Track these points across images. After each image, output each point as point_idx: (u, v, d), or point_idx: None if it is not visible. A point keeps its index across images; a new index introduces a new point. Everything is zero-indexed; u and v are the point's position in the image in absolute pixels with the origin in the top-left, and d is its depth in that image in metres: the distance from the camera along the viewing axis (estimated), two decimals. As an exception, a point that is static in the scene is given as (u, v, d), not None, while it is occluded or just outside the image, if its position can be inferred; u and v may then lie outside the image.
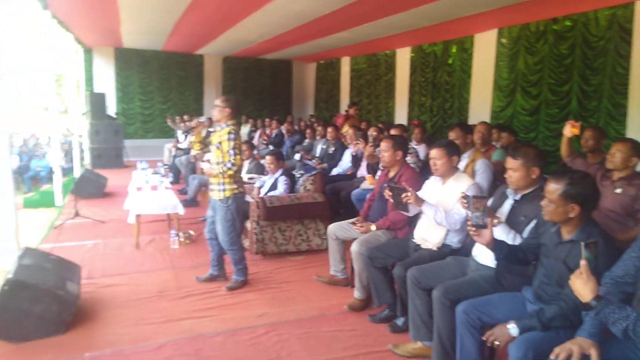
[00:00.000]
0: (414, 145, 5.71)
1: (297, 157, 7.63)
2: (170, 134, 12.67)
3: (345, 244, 3.88)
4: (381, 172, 3.96)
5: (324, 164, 6.60)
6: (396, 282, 3.11)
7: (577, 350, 1.89)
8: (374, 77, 11.42)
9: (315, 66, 14.46)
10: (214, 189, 3.78)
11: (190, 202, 6.60)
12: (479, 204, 2.37)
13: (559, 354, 1.90)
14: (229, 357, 2.93)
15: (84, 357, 2.90)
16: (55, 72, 7.12)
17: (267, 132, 9.86)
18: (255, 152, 6.71)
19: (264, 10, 6.71)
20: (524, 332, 2.14)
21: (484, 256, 2.77)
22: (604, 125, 6.01)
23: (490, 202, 2.80)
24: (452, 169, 3.17)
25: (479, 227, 2.35)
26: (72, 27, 9.19)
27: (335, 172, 6.28)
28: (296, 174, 5.41)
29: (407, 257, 3.20)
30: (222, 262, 4.07)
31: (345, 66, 12.73)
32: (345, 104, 12.69)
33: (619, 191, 3.13)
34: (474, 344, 2.39)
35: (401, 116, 10.31)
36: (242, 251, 3.96)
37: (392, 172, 3.65)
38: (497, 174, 3.95)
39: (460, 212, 3.02)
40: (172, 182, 7.55)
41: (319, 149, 7.24)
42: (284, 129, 9.42)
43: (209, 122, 8.07)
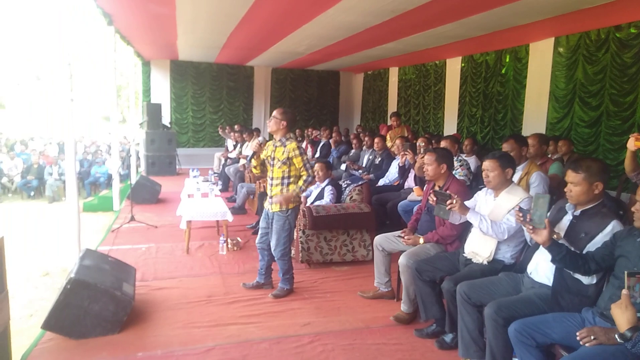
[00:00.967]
0: (465, 157, 5.57)
1: (343, 167, 7.64)
2: (220, 143, 13.06)
3: (391, 256, 3.83)
4: (427, 185, 3.88)
5: (370, 175, 6.56)
6: (445, 297, 3.03)
7: None
8: (423, 87, 11.29)
9: (362, 77, 14.48)
10: (275, 201, 3.76)
11: (238, 210, 6.75)
12: (540, 202, 2.35)
13: None
14: (274, 365, 2.95)
15: (137, 356, 3.01)
16: (115, 83, 7.58)
17: (313, 137, 9.92)
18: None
19: (314, 22, 6.81)
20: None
21: (540, 273, 2.66)
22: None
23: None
24: (506, 181, 3.07)
25: (537, 226, 2.34)
26: (132, 42, 9.71)
27: (382, 182, 6.23)
28: (342, 184, 5.42)
29: (457, 272, 3.12)
30: (270, 271, 4.13)
31: (393, 77, 12.66)
32: (392, 114, 12.63)
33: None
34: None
35: (450, 127, 10.11)
36: (291, 262, 4.00)
37: (438, 186, 3.59)
38: (554, 187, 3.78)
39: (509, 222, 2.92)
40: (221, 189, 7.76)
41: (366, 159, 7.22)
42: (331, 140, 9.47)
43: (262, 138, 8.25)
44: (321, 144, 9.33)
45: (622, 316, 1.71)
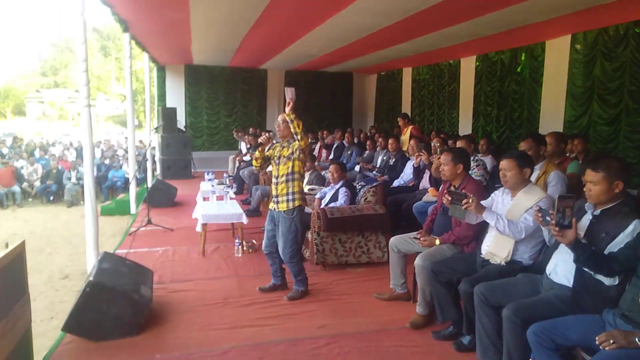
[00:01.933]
0: (480, 156, 5.51)
1: (357, 168, 7.63)
2: (234, 146, 13.14)
3: (406, 257, 3.80)
4: (443, 185, 3.85)
5: (385, 176, 6.53)
6: (462, 299, 2.99)
7: None
8: (437, 87, 11.19)
9: (375, 78, 14.43)
10: (281, 200, 3.79)
11: (253, 212, 6.78)
12: (565, 203, 2.31)
13: None
14: (290, 367, 2.95)
15: (155, 358, 3.04)
16: (131, 89, 7.73)
17: (327, 141, 9.93)
18: (316, 163, 6.78)
19: (326, 24, 6.81)
20: None
21: (560, 274, 2.61)
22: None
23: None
24: (523, 181, 3.02)
25: (562, 227, 2.29)
26: (148, 47, 9.84)
27: (396, 183, 6.20)
28: (357, 185, 5.40)
29: (474, 273, 3.08)
30: (284, 272, 4.13)
31: (406, 77, 12.59)
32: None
33: None
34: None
35: (465, 127, 10.00)
36: (302, 263, 3.99)
37: (453, 186, 3.54)
38: (572, 187, 3.71)
39: (526, 221, 2.87)
40: (235, 192, 7.80)
41: (380, 160, 7.19)
42: (344, 141, 9.46)
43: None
44: (335, 146, 9.32)
45: None
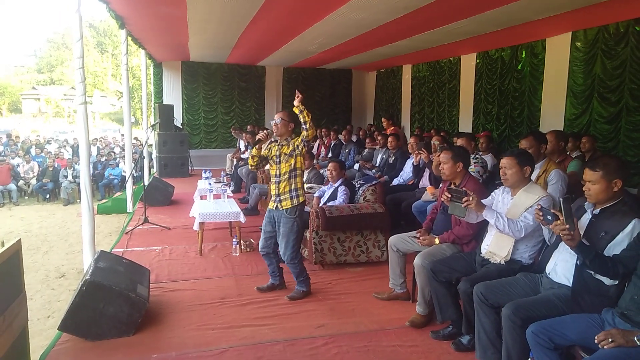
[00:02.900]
0: (481, 154, 5.48)
1: (357, 166, 7.59)
2: (232, 144, 13.08)
3: (406, 257, 3.77)
4: (443, 184, 3.82)
5: (385, 176, 6.49)
6: (461, 298, 2.97)
7: None
8: (437, 84, 11.16)
9: (375, 75, 14.38)
10: (284, 198, 3.73)
11: (251, 211, 6.74)
12: (570, 205, 2.30)
13: None
14: (288, 367, 2.92)
15: (152, 358, 3.01)
16: (127, 85, 7.67)
17: (325, 142, 9.91)
18: (315, 161, 6.74)
19: (325, 20, 6.76)
20: None
21: (559, 274, 2.60)
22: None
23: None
24: (524, 179, 3.00)
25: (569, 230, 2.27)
26: (144, 44, 9.78)
27: (396, 182, 6.16)
28: (356, 184, 5.37)
29: (474, 272, 3.06)
30: (282, 271, 4.10)
31: (406, 74, 12.55)
32: (406, 112, 12.50)
33: None
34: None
35: (465, 125, 9.97)
36: (302, 264, 3.95)
37: (454, 184, 3.51)
38: (573, 185, 3.69)
39: (526, 220, 2.85)
40: (233, 191, 7.76)
41: (379, 158, 7.15)
42: (342, 138, 9.43)
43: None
44: (333, 144, 9.29)
45: None
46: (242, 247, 5.18)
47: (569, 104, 7.31)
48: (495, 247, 3.03)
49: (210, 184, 6.32)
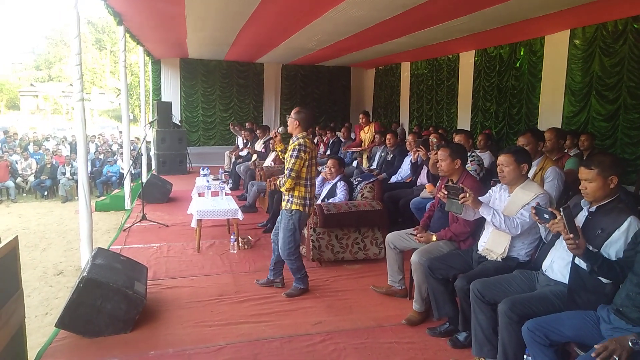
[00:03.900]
0: (479, 152, 5.48)
1: (355, 164, 7.59)
2: (230, 141, 13.07)
3: (403, 254, 3.78)
4: (440, 181, 3.83)
5: (383, 174, 6.49)
6: (458, 295, 2.98)
7: None
8: (435, 82, 11.16)
9: (374, 72, 14.37)
10: (284, 198, 3.84)
11: (249, 208, 6.74)
12: (568, 214, 2.28)
13: None
14: (285, 364, 2.93)
15: (149, 355, 3.02)
16: (126, 82, 7.64)
17: (324, 140, 9.90)
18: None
19: (324, 17, 6.75)
20: None
21: (556, 271, 2.61)
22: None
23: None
24: (521, 177, 3.01)
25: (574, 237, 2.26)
26: (143, 41, 9.75)
27: (394, 179, 6.16)
28: (353, 181, 5.37)
29: (470, 269, 3.08)
30: (280, 267, 4.10)
31: (405, 72, 12.54)
32: (405, 110, 12.51)
33: None
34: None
35: (464, 122, 9.98)
36: (300, 261, 3.96)
37: (451, 181, 3.52)
38: (570, 183, 3.70)
39: (523, 217, 2.86)
40: (231, 188, 7.76)
41: (378, 156, 7.15)
42: (340, 135, 9.42)
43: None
44: (331, 141, 9.28)
45: None
46: (239, 244, 5.18)
47: (567, 102, 7.32)
48: (492, 244, 3.04)
49: (208, 181, 6.30)
